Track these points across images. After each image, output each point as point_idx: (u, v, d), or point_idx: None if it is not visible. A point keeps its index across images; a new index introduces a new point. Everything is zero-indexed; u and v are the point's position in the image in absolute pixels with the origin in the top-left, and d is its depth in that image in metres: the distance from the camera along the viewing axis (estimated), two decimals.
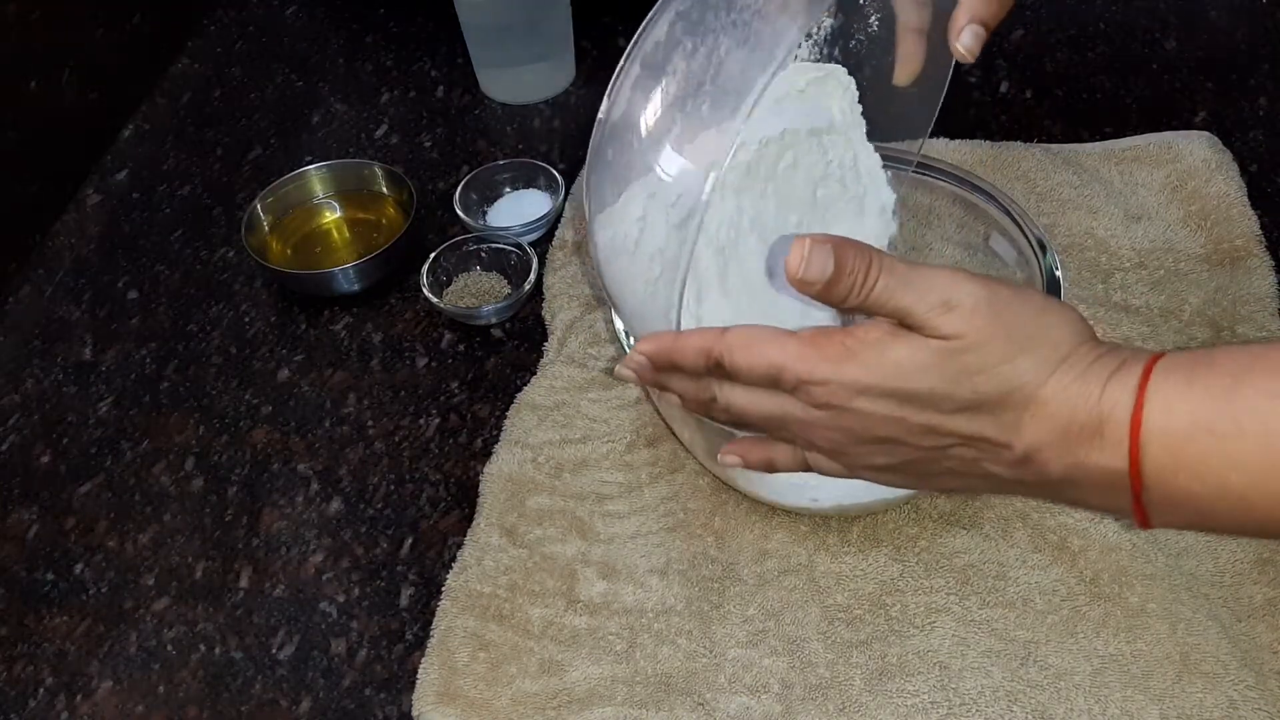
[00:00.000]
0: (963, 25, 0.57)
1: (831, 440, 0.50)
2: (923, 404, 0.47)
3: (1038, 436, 0.46)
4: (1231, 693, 0.61)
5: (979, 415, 0.46)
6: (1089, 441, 0.45)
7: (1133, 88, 0.95)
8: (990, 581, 0.66)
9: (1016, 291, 0.47)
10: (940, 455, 0.48)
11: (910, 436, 0.48)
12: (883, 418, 0.47)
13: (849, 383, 0.47)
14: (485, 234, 0.87)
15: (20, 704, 0.67)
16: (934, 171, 0.73)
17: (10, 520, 0.76)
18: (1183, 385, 0.44)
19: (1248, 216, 0.82)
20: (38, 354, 0.85)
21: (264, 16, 1.12)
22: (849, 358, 0.47)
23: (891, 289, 0.46)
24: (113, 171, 0.98)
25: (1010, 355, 0.45)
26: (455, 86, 1.02)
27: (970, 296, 0.46)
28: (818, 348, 0.47)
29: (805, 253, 0.46)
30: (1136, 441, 0.44)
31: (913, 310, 0.46)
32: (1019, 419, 0.46)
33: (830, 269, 0.46)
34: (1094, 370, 0.45)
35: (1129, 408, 0.44)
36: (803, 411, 0.49)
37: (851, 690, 0.63)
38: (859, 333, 0.47)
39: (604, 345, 0.79)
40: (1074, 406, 0.45)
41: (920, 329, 0.46)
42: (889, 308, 0.46)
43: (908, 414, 0.47)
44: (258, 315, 0.86)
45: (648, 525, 0.70)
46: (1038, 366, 0.45)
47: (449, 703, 0.63)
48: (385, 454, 0.77)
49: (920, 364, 0.46)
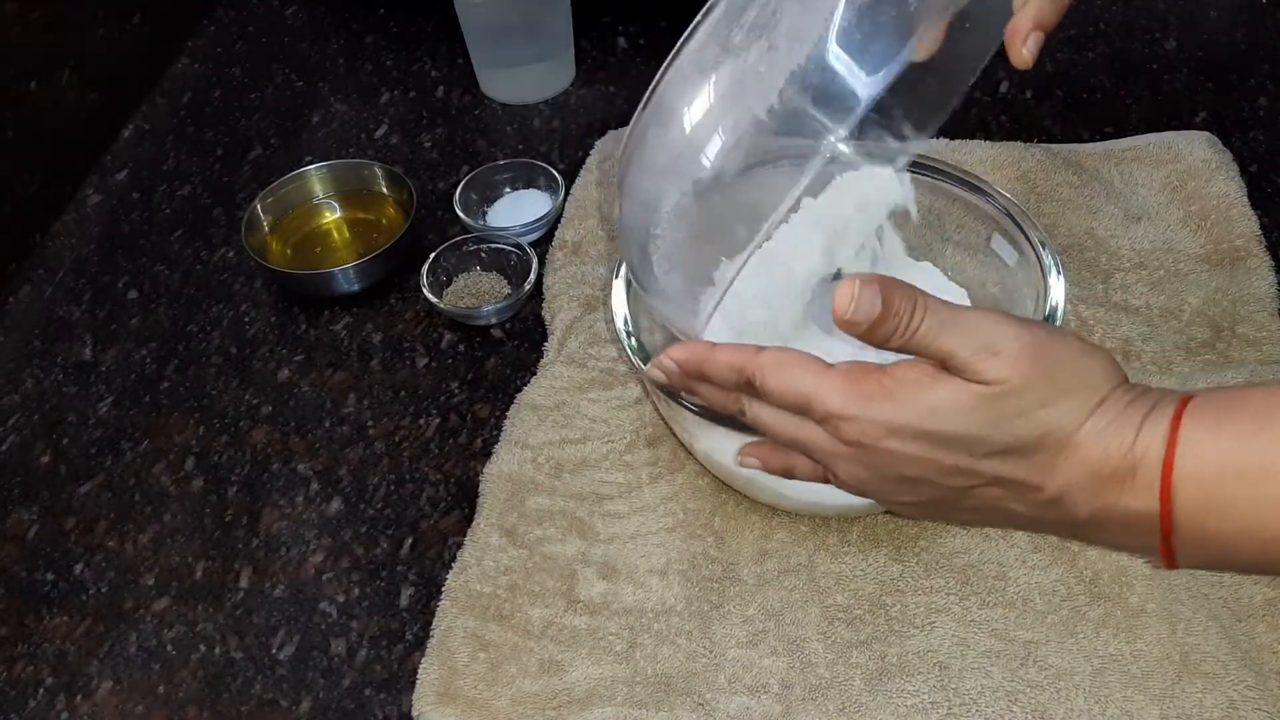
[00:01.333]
0: (1027, 32, 0.56)
1: (854, 475, 0.50)
2: (956, 446, 0.47)
3: (1069, 479, 0.46)
4: (1231, 693, 0.61)
5: (1011, 458, 0.47)
6: (1120, 485, 0.45)
7: (1133, 88, 0.95)
8: (990, 581, 0.66)
9: (1054, 334, 0.47)
10: (966, 494, 0.49)
11: (938, 477, 0.48)
12: (912, 458, 0.47)
13: (881, 422, 0.47)
14: (485, 234, 0.87)
15: (20, 704, 0.67)
16: (934, 171, 0.73)
17: (10, 520, 0.76)
18: (1213, 428, 0.44)
19: (1248, 216, 0.82)
20: (38, 354, 0.85)
21: (264, 16, 1.12)
22: (885, 397, 0.47)
23: (935, 331, 0.46)
24: (113, 171, 0.98)
25: (1050, 399, 0.46)
26: (455, 86, 1.02)
27: (1015, 341, 0.46)
28: (853, 383, 0.47)
29: (855, 293, 0.46)
30: (1168, 485, 0.44)
31: (956, 353, 0.46)
32: (1052, 462, 0.46)
33: (877, 309, 0.46)
34: (1128, 414, 0.46)
35: (1161, 451, 0.45)
36: (829, 443, 0.49)
37: (851, 690, 0.63)
38: (898, 372, 0.47)
39: (604, 345, 0.79)
40: (1108, 450, 0.45)
41: (961, 372, 0.46)
42: (932, 349, 0.46)
43: (939, 456, 0.47)
44: (258, 315, 0.86)
45: (648, 525, 0.70)
46: (1074, 411, 0.46)
47: (449, 703, 0.63)
48: (385, 454, 0.77)
49: (960, 407, 0.46)
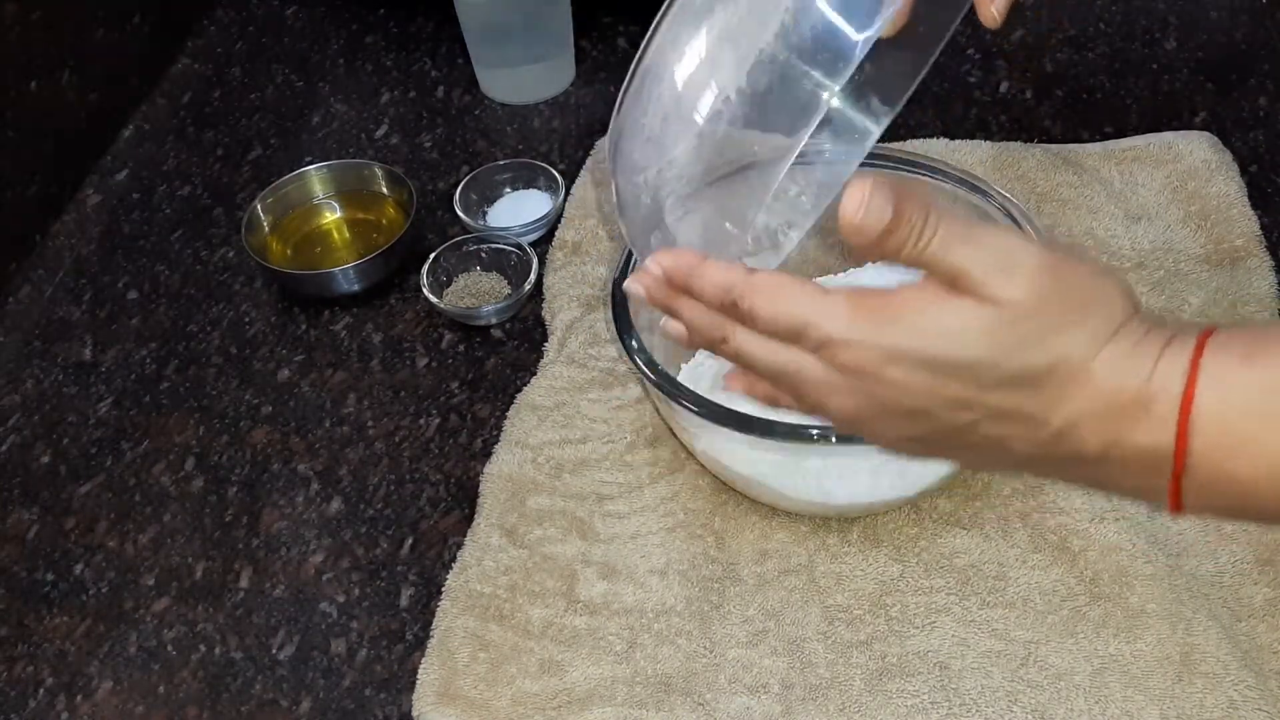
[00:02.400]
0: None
1: (847, 408, 0.46)
2: (962, 374, 0.43)
3: (1078, 411, 0.43)
4: (1231, 693, 0.61)
5: (1019, 389, 0.43)
6: (1134, 418, 0.42)
7: (1133, 88, 0.95)
8: (990, 581, 0.66)
9: (1071, 253, 0.44)
10: (967, 430, 0.45)
11: (939, 409, 0.45)
12: (913, 388, 0.44)
13: (884, 346, 0.43)
14: (485, 234, 0.87)
15: (20, 704, 0.67)
16: (934, 171, 0.73)
17: (10, 520, 0.76)
18: (1237, 363, 0.42)
19: (1248, 216, 0.82)
20: (38, 354, 0.85)
21: (264, 16, 1.12)
22: (889, 320, 0.43)
23: (949, 243, 0.42)
24: (113, 171, 0.98)
25: (1065, 325, 0.42)
26: (455, 86, 1.02)
27: (1033, 258, 0.42)
28: (854, 306, 0.44)
29: (865, 196, 0.42)
30: (1186, 420, 0.42)
31: (970, 269, 0.42)
32: (1061, 393, 0.43)
33: (888, 215, 0.42)
34: (1146, 343, 0.43)
35: (1180, 385, 0.42)
36: (822, 373, 0.45)
37: (851, 690, 0.63)
38: (903, 293, 0.43)
39: (604, 345, 0.79)
40: (1123, 381, 0.42)
41: (975, 290, 0.42)
42: (945, 264, 0.42)
43: (942, 385, 0.44)
44: (258, 315, 0.86)
45: (648, 525, 0.70)
46: (1090, 338, 0.43)
47: (449, 703, 0.63)
48: (385, 454, 0.77)
49: (970, 330, 0.42)
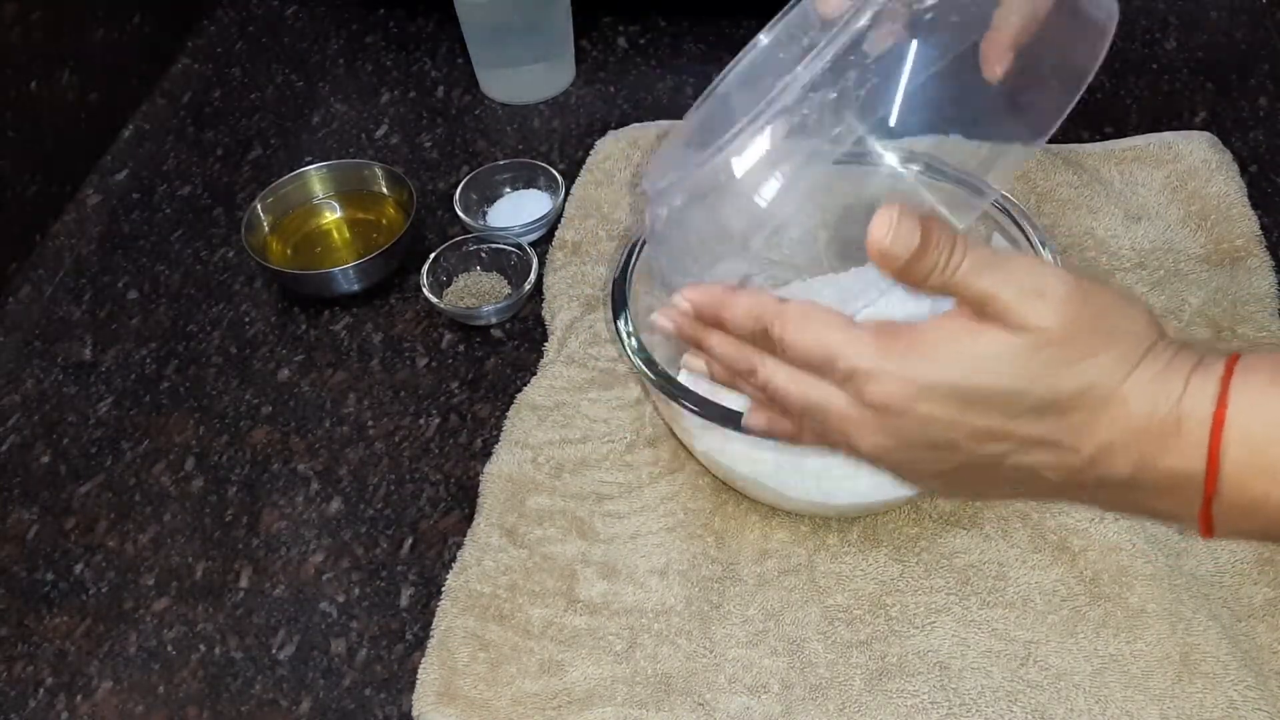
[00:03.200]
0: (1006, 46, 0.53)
1: (875, 444, 0.46)
2: (992, 405, 0.43)
3: (1109, 437, 0.43)
4: (1231, 693, 0.61)
5: (1048, 416, 0.43)
6: (1163, 442, 0.42)
7: (1133, 88, 0.95)
8: (990, 581, 0.66)
9: (1096, 280, 0.44)
10: (997, 462, 0.45)
11: (969, 442, 0.44)
12: (942, 421, 0.44)
13: (913, 379, 0.43)
14: (485, 234, 0.87)
15: (20, 704, 0.67)
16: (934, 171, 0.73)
17: (10, 520, 0.76)
18: (1267, 386, 0.42)
19: (1248, 216, 0.82)
20: (38, 354, 0.85)
21: (264, 16, 1.12)
22: (918, 353, 0.43)
23: (977, 270, 0.42)
24: (113, 171, 0.98)
25: (1094, 350, 0.42)
26: (455, 86, 1.02)
27: (1061, 284, 0.42)
28: (883, 338, 0.44)
29: (893, 221, 0.42)
30: (1217, 443, 0.42)
31: (999, 295, 0.42)
32: (1092, 419, 0.43)
33: (917, 239, 0.42)
34: (1175, 366, 0.43)
35: (1210, 409, 0.42)
36: (849, 407, 0.45)
37: (851, 690, 0.63)
38: (932, 325, 0.43)
39: (604, 345, 0.79)
40: (1154, 404, 0.42)
41: (1004, 317, 0.42)
42: (974, 290, 0.42)
43: (972, 417, 0.44)
44: (258, 315, 0.86)
45: (648, 525, 0.70)
46: (1118, 362, 0.43)
47: (449, 703, 0.63)
48: (385, 454, 0.77)
49: (1000, 358, 0.42)
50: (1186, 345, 0.44)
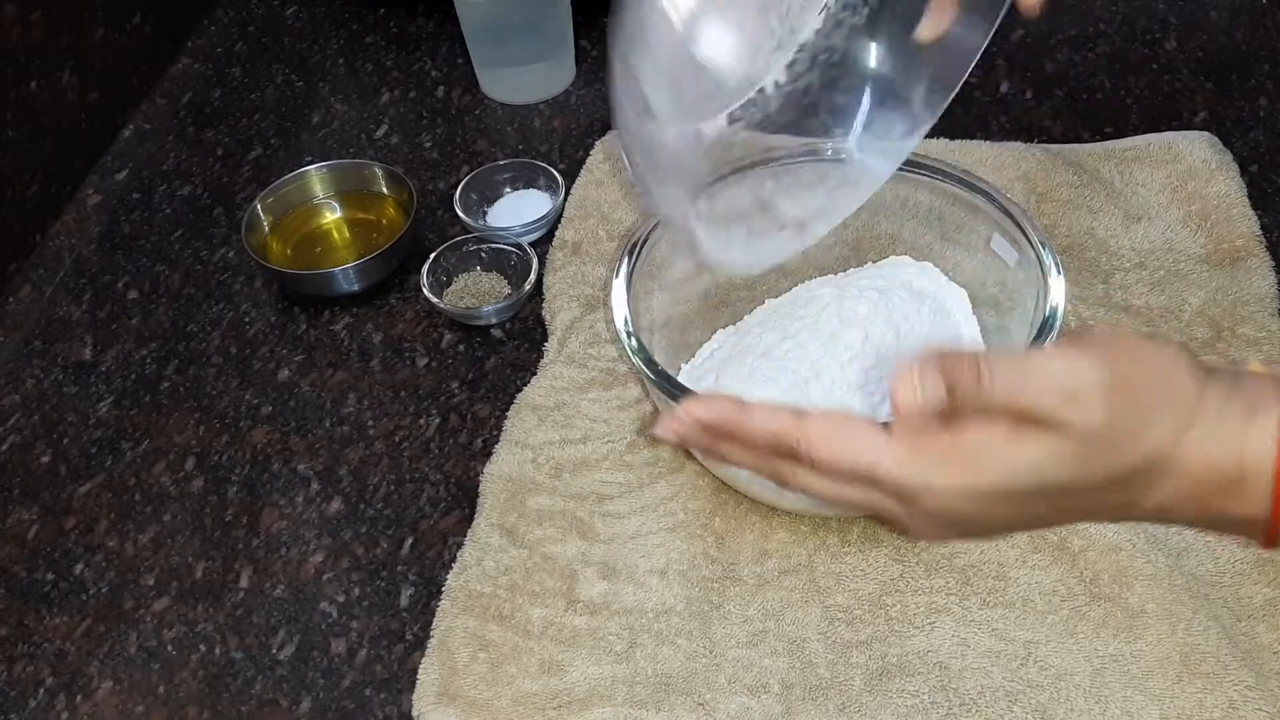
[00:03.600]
0: None
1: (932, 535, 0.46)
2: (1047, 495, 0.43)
3: (1170, 495, 0.43)
4: (1231, 693, 0.61)
5: (1107, 491, 0.43)
6: (1225, 494, 0.43)
7: (1133, 88, 0.95)
8: (990, 581, 0.66)
9: (1121, 346, 0.43)
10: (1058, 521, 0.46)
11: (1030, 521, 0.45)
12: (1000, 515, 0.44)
13: (959, 489, 0.43)
14: (485, 234, 0.87)
15: (20, 704, 0.67)
16: (934, 171, 0.73)
17: (10, 520, 0.76)
18: None
19: (1248, 216, 0.82)
20: (38, 354, 0.85)
21: (264, 16, 1.12)
22: (960, 464, 0.43)
23: (1009, 388, 0.42)
24: (113, 171, 0.98)
25: (1142, 426, 0.42)
26: (455, 86, 1.02)
27: (1097, 377, 0.42)
28: (918, 451, 0.43)
29: (916, 380, 0.42)
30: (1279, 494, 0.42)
31: (1037, 406, 0.42)
32: (1149, 482, 0.43)
33: (944, 389, 0.42)
34: (1228, 414, 0.43)
35: (1270, 459, 0.42)
36: (899, 510, 0.45)
37: (851, 690, 0.63)
38: (971, 433, 0.43)
39: (604, 345, 0.79)
40: (1211, 462, 0.43)
41: (1046, 422, 0.42)
42: (1012, 409, 0.42)
43: (1029, 507, 0.44)
44: (258, 315, 0.86)
45: (648, 525, 0.70)
46: (1170, 428, 0.43)
47: (449, 703, 0.63)
48: (385, 454, 0.77)
49: (1052, 458, 0.42)
50: (1235, 384, 0.44)
